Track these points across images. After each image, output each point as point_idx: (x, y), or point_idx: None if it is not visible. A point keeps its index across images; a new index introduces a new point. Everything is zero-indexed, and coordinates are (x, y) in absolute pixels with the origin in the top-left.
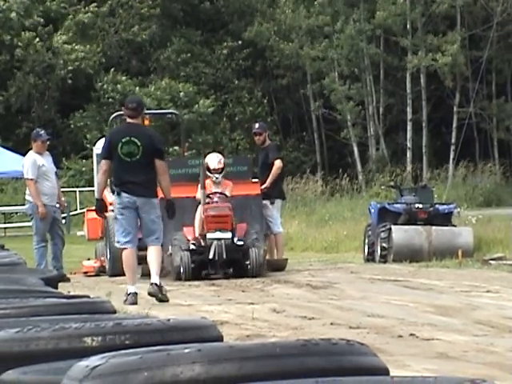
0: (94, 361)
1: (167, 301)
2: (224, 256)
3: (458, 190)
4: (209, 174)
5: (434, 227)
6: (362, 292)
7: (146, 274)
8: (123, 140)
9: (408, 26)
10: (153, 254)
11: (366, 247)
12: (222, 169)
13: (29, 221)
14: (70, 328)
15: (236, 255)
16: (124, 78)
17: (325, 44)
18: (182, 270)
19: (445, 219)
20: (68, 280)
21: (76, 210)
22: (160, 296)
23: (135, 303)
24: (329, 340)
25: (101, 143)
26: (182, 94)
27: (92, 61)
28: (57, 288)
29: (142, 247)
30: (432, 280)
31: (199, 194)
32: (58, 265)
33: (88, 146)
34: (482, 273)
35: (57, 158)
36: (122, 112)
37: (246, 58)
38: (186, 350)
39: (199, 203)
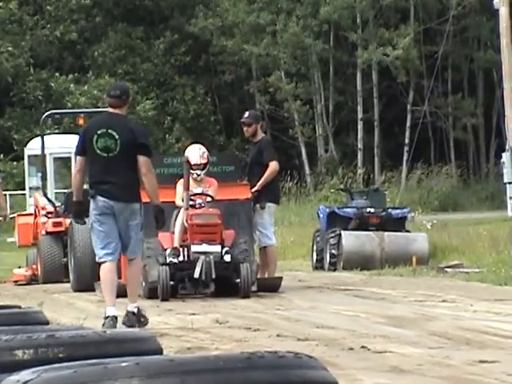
0: (25, 375)
1: (146, 324)
2: (213, 275)
3: (412, 194)
4: (185, 169)
5: (386, 233)
6: (311, 302)
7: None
8: (98, 132)
9: (358, 20)
10: (131, 274)
11: (315, 254)
12: (206, 164)
13: None
14: None
15: (225, 272)
16: (57, 74)
17: (268, 41)
18: (159, 288)
19: (398, 224)
20: None
21: None
22: (137, 326)
23: (115, 328)
24: (275, 353)
25: (32, 144)
26: None
27: (13, 63)
28: None
29: None
30: (384, 289)
31: (179, 200)
32: None
33: (16, 147)
34: (437, 281)
35: None
36: (54, 111)
37: (186, 52)
38: (124, 364)
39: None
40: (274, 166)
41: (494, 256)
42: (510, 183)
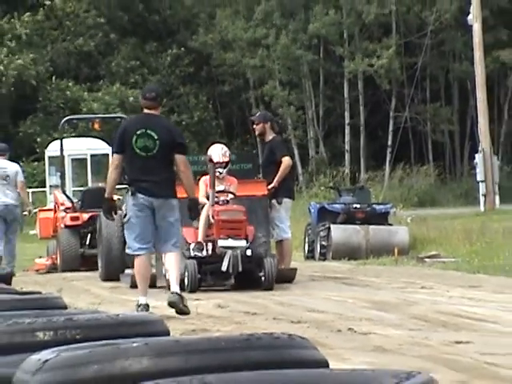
0: (45, 354)
1: (188, 313)
2: (240, 268)
3: (394, 191)
4: (209, 167)
5: (371, 226)
6: (303, 289)
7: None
8: (138, 132)
9: (344, 35)
10: (172, 261)
11: (307, 245)
12: (227, 163)
13: None
14: (23, 323)
15: (249, 265)
16: (71, 84)
17: (263, 54)
18: (186, 281)
19: (381, 219)
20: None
21: None
22: (181, 306)
23: None
24: (271, 334)
25: (53, 145)
26: (131, 98)
27: (35, 71)
28: (10, 284)
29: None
30: (369, 277)
31: (202, 198)
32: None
33: (38, 150)
34: (417, 270)
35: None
36: (71, 117)
37: (190, 64)
38: (134, 344)
39: (203, 204)
40: (287, 161)
41: (468, 247)
42: (482, 182)
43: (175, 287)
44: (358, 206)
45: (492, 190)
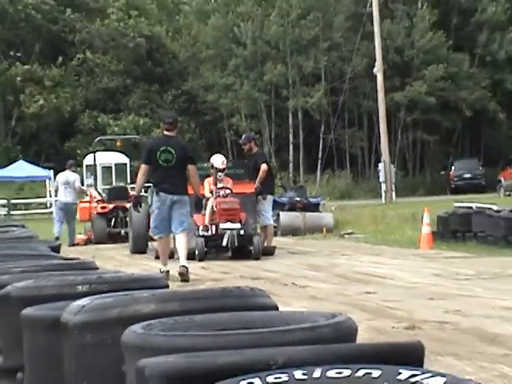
0: (83, 301)
1: (188, 281)
2: (236, 244)
3: (323, 188)
4: (212, 171)
5: (307, 213)
6: (262, 256)
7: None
8: (161, 149)
9: (289, 81)
10: (181, 241)
11: None
12: (225, 168)
13: (42, 208)
14: (67, 279)
15: (242, 242)
16: (102, 114)
17: (232, 96)
18: (196, 253)
19: (314, 208)
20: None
21: None
22: (185, 277)
23: (167, 280)
24: (238, 287)
25: (88, 157)
26: (142, 122)
27: (71, 104)
28: (59, 253)
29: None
30: (306, 247)
31: (208, 193)
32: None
33: (78, 160)
34: (339, 243)
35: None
36: (101, 137)
37: (184, 101)
38: (145, 294)
39: (208, 198)
40: (263, 167)
41: (374, 227)
42: (383, 182)
43: (183, 261)
44: (298, 199)
45: (390, 188)
